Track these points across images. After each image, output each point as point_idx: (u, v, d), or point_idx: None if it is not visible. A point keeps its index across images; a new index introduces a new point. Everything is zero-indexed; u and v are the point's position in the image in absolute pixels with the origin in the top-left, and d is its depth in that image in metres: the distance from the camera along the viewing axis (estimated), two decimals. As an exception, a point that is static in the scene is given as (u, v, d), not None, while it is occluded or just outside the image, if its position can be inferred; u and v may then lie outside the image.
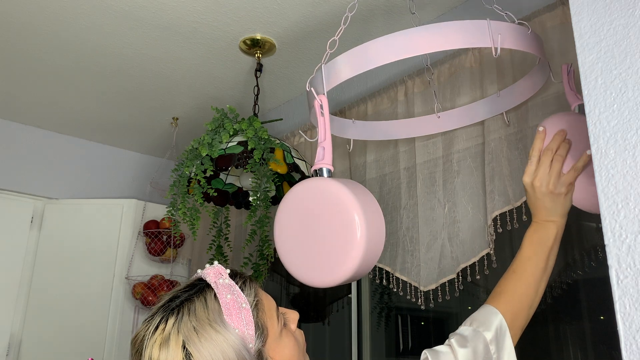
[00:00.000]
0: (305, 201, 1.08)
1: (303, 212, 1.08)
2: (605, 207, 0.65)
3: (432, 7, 1.64)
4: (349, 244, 1.01)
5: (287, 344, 0.81)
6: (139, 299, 2.40)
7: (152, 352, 0.72)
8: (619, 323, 0.61)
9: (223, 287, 0.78)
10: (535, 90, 1.24)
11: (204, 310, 0.75)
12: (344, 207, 1.02)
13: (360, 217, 1.01)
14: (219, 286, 0.78)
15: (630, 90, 0.65)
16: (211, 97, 2.27)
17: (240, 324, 0.75)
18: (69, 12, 1.69)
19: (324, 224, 1.05)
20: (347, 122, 1.43)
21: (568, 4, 0.87)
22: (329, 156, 1.09)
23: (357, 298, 1.89)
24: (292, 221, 1.10)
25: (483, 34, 0.98)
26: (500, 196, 1.33)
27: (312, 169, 1.11)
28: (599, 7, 0.71)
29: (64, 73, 2.10)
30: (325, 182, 1.06)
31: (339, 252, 1.02)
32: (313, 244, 1.06)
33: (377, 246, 1.06)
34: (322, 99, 1.10)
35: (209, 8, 1.66)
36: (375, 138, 1.45)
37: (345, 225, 1.01)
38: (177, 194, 1.69)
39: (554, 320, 1.44)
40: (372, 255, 1.05)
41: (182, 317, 0.74)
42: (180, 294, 0.79)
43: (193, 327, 0.72)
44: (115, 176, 2.86)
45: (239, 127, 1.64)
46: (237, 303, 0.76)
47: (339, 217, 1.02)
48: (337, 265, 1.03)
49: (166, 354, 0.71)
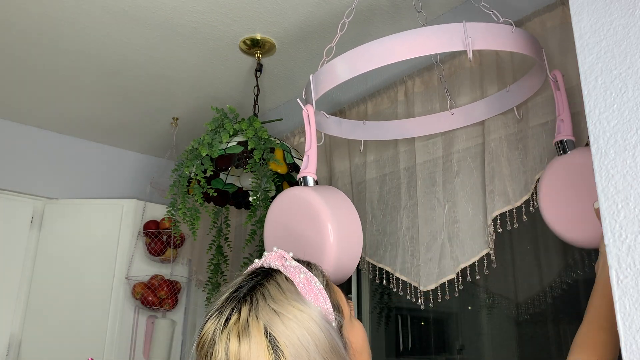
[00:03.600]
0: (288, 209, 1.16)
1: (286, 218, 1.15)
2: (605, 207, 0.65)
3: (437, 5, 1.63)
4: (322, 251, 1.06)
5: (359, 329, 0.78)
6: (139, 299, 2.40)
7: (230, 345, 0.65)
8: (619, 323, 0.61)
9: (292, 268, 0.75)
10: (539, 86, 1.23)
11: (280, 291, 0.70)
12: (317, 217, 1.08)
13: (333, 226, 1.07)
14: (288, 268, 0.75)
15: (630, 90, 0.65)
16: (211, 97, 2.27)
17: (319, 300, 0.71)
18: (69, 12, 1.69)
19: (302, 231, 1.11)
20: (358, 123, 1.44)
21: (568, 4, 0.87)
22: (312, 165, 1.15)
23: (357, 298, 1.89)
24: (278, 225, 1.17)
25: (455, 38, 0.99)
26: (500, 196, 1.33)
27: (298, 177, 1.17)
28: (599, 7, 0.71)
29: (64, 73, 2.10)
30: (304, 192, 1.12)
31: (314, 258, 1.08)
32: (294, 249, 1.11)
33: (351, 253, 1.11)
34: (309, 109, 1.15)
35: (209, 8, 1.66)
36: (387, 138, 1.47)
37: (319, 234, 1.08)
38: (177, 194, 1.69)
39: (554, 320, 1.44)
40: (346, 262, 1.10)
41: (258, 302, 0.68)
42: (245, 283, 0.73)
43: (273, 309, 0.67)
44: (115, 176, 2.86)
45: (239, 127, 1.64)
46: (310, 282, 0.73)
47: (314, 225, 1.09)
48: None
49: (248, 344, 0.64)
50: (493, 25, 1.02)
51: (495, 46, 1.02)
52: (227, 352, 0.65)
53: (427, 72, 1.58)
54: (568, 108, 1.13)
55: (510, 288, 1.55)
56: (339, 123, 1.43)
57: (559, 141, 1.12)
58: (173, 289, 2.46)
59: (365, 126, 1.46)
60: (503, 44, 1.03)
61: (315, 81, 1.15)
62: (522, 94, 1.30)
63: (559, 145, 1.12)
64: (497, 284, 1.57)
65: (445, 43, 1.00)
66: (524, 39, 1.07)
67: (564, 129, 1.12)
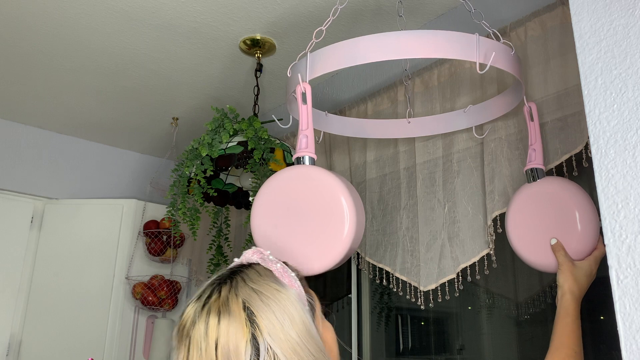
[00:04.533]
0: (288, 189, 1.10)
1: (286, 200, 1.10)
2: (605, 207, 0.65)
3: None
4: (338, 227, 1.04)
5: (329, 329, 0.81)
6: (139, 299, 2.40)
7: (209, 321, 0.67)
8: (619, 323, 0.61)
9: (269, 260, 0.78)
10: (510, 109, 1.26)
11: (258, 275, 0.73)
12: (330, 191, 1.05)
13: (347, 199, 1.04)
14: (266, 259, 0.78)
15: (630, 90, 0.65)
16: (211, 97, 2.27)
17: (294, 285, 0.75)
18: (69, 12, 1.69)
19: (310, 211, 1.07)
20: (320, 114, 1.43)
21: (568, 4, 0.87)
22: (312, 144, 1.12)
23: (357, 298, 1.89)
24: (274, 209, 1.11)
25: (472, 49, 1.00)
26: (500, 196, 1.33)
27: (294, 156, 1.12)
28: (599, 7, 0.71)
29: (64, 73, 2.10)
30: (310, 170, 1.09)
31: (328, 236, 1.05)
32: (297, 231, 1.08)
33: (361, 229, 1.10)
34: (306, 87, 1.11)
35: (209, 8, 1.66)
36: (345, 134, 1.47)
37: (333, 209, 1.04)
38: (177, 194, 1.69)
39: (554, 320, 1.43)
40: (358, 237, 1.08)
41: (237, 283, 0.71)
42: (226, 273, 0.76)
43: (252, 288, 0.70)
44: (115, 176, 2.86)
45: (239, 127, 1.64)
46: (287, 270, 0.77)
47: (326, 202, 1.05)
48: (325, 250, 1.06)
49: (227, 320, 0.67)
50: (500, 44, 1.04)
51: (501, 65, 1.04)
52: (207, 328, 0.67)
53: (427, 72, 1.58)
54: (540, 138, 1.18)
55: (510, 288, 1.55)
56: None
57: (530, 169, 1.16)
58: (173, 289, 2.46)
59: (327, 118, 1.45)
60: (504, 64, 1.04)
61: (312, 60, 1.10)
62: (484, 115, 1.33)
63: (529, 173, 1.16)
64: (497, 284, 1.57)
65: (458, 50, 1.01)
66: (518, 63, 1.10)
67: (535, 157, 1.17)
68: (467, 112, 1.37)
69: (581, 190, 1.10)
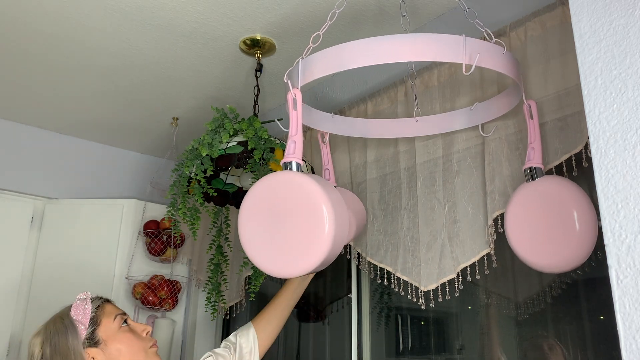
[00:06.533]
0: (274, 194, 1.13)
1: (271, 204, 1.13)
2: (605, 207, 0.65)
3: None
4: (316, 236, 1.07)
5: (123, 338, 1.31)
6: (139, 299, 2.40)
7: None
8: (619, 323, 0.61)
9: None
10: (511, 107, 1.26)
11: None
12: (312, 199, 1.08)
13: (328, 209, 1.07)
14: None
15: (630, 90, 0.65)
16: (211, 97, 2.27)
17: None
18: (69, 12, 1.69)
19: (292, 216, 1.10)
20: (327, 115, 1.43)
21: (568, 4, 0.87)
22: (299, 150, 1.13)
23: (357, 298, 1.89)
24: (259, 213, 1.14)
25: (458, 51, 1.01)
26: (500, 196, 1.33)
27: (281, 162, 1.15)
28: (599, 7, 0.71)
29: (64, 73, 2.10)
30: (294, 176, 1.11)
31: (306, 244, 1.08)
32: (279, 236, 1.12)
33: (342, 238, 1.12)
34: (296, 93, 1.12)
35: (209, 8, 1.66)
36: (352, 134, 1.47)
37: (313, 217, 1.07)
38: (177, 194, 1.69)
39: (554, 320, 1.44)
40: (337, 247, 1.11)
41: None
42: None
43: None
44: (115, 176, 2.86)
45: (239, 127, 1.64)
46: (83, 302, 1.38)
47: (307, 209, 1.08)
48: (303, 255, 1.09)
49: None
50: (489, 44, 1.04)
51: (489, 65, 1.04)
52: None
53: (427, 72, 1.58)
54: (539, 136, 1.18)
55: (510, 288, 1.55)
56: (309, 112, 1.41)
57: (528, 168, 1.16)
58: (173, 289, 2.46)
59: (334, 119, 1.46)
60: (494, 64, 1.04)
61: (303, 66, 1.12)
62: (488, 113, 1.33)
63: (528, 172, 1.16)
64: (497, 284, 1.57)
65: (445, 52, 1.01)
66: (512, 63, 1.09)
67: (534, 156, 1.17)
68: (474, 110, 1.37)
69: (579, 190, 1.10)
